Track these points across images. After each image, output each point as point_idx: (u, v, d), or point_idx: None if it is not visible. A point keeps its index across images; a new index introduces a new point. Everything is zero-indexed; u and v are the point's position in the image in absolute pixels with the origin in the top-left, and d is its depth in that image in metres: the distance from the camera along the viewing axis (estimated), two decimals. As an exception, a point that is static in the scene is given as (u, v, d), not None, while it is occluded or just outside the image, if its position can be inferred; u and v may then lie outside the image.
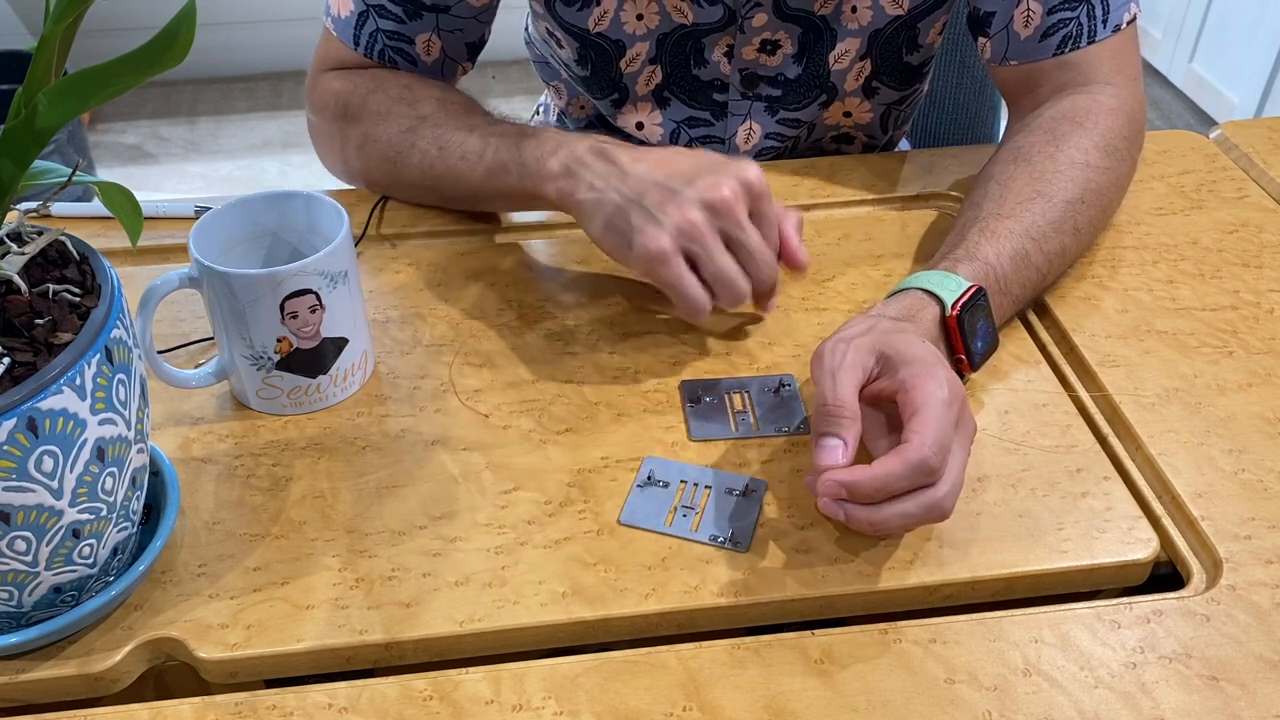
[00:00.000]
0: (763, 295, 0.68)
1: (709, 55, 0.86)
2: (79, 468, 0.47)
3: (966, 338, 0.63)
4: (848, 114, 0.91)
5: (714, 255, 0.64)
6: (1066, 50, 0.77)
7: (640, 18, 0.83)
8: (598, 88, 0.90)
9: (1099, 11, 0.75)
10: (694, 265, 0.64)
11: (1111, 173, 0.73)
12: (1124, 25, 0.76)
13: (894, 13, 0.83)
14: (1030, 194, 0.70)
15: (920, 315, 0.63)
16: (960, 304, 0.63)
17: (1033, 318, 0.73)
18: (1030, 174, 0.72)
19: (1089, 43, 0.76)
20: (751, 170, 0.65)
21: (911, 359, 0.57)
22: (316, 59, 0.86)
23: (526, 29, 0.98)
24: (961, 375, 0.65)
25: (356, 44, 0.82)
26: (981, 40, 0.80)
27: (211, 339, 0.71)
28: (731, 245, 0.64)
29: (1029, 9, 0.76)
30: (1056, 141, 0.73)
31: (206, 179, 2.46)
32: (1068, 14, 0.76)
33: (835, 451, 0.55)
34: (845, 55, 0.85)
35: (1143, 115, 0.78)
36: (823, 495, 0.55)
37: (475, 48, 0.86)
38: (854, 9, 0.83)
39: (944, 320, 0.63)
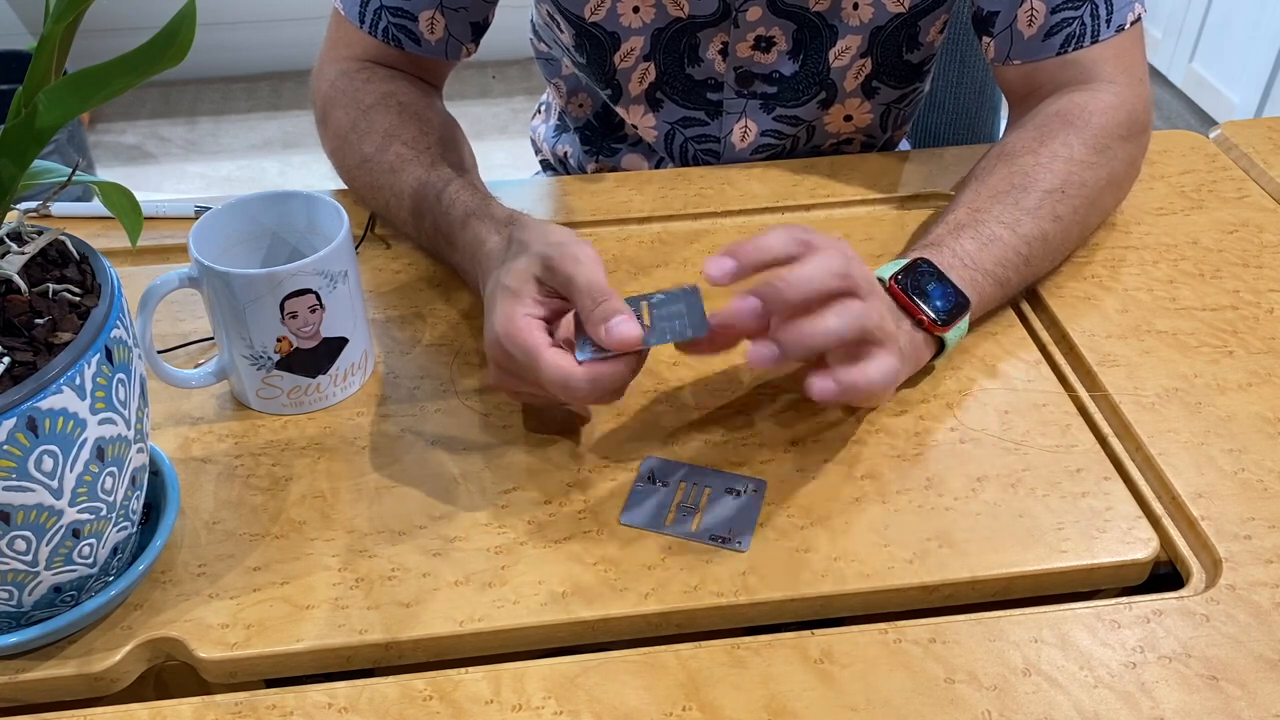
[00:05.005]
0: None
1: (703, 53, 0.86)
2: (79, 467, 0.47)
3: (914, 297, 0.64)
4: (848, 118, 0.91)
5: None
6: (1069, 49, 0.77)
7: (637, 10, 0.83)
8: (594, 78, 0.90)
9: (1103, 11, 0.75)
10: None
11: (1099, 169, 0.73)
12: (1128, 25, 0.76)
13: (895, 10, 0.83)
14: (1005, 187, 0.71)
15: None
16: (897, 274, 0.64)
17: (1032, 317, 0.73)
18: (1009, 169, 0.72)
19: (1092, 42, 0.76)
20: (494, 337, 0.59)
21: None
22: (324, 44, 0.86)
23: (532, 18, 0.98)
24: (941, 345, 0.65)
25: (362, 21, 0.82)
26: (985, 40, 0.80)
27: (211, 339, 0.71)
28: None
29: (1032, 8, 0.76)
30: (1043, 138, 0.73)
31: (206, 179, 2.46)
32: (1071, 13, 0.76)
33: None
34: (846, 52, 0.85)
35: (1147, 115, 0.77)
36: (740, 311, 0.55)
37: (480, 28, 0.85)
38: (855, 5, 0.83)
39: (888, 292, 0.64)
